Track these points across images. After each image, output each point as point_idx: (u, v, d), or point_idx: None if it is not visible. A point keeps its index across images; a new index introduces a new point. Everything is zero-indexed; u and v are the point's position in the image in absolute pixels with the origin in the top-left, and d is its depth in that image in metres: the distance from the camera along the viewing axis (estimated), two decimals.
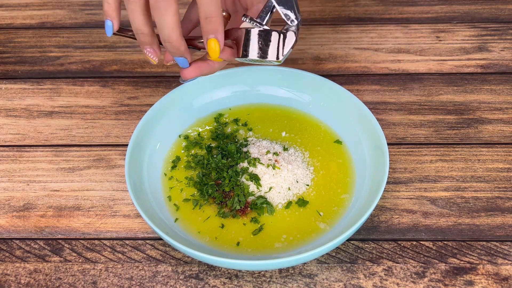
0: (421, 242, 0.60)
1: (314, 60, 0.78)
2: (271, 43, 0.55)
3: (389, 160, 0.62)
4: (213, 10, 0.51)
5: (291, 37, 0.55)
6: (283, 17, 0.55)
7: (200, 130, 0.68)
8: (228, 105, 0.71)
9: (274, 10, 0.56)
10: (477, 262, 0.58)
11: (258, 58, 0.56)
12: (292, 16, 0.55)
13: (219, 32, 0.52)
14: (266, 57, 0.55)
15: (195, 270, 0.58)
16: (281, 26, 0.57)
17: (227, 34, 0.57)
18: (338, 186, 0.63)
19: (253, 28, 0.55)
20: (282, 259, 0.53)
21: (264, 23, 0.56)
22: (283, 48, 0.55)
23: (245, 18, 0.56)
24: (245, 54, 0.55)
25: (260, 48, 0.55)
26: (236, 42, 0.57)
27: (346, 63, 0.78)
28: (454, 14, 0.84)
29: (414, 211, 0.62)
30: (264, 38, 0.55)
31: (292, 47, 0.56)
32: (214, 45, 0.53)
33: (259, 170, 0.62)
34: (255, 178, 0.61)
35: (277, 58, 0.55)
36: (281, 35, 0.55)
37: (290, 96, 0.70)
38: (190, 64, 0.57)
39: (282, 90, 0.71)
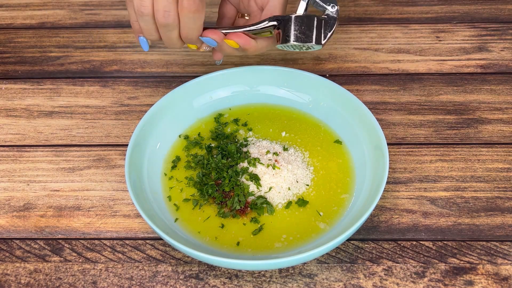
0: (421, 242, 0.60)
1: (314, 60, 0.78)
2: (313, 27, 0.56)
3: (389, 160, 0.62)
4: (192, 38, 0.58)
5: (332, 22, 0.57)
6: (323, 4, 0.57)
7: (201, 130, 0.68)
8: (228, 105, 0.71)
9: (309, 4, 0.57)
10: (477, 262, 0.58)
11: (299, 43, 0.56)
12: (331, 3, 0.57)
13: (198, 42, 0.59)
14: (308, 41, 0.56)
15: (195, 270, 0.58)
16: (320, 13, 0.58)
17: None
18: (338, 186, 0.63)
19: (295, 14, 0.56)
20: (282, 259, 0.53)
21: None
22: (325, 32, 0.56)
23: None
24: (287, 39, 0.56)
25: (302, 33, 0.55)
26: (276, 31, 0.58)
27: (346, 63, 0.78)
28: (454, 14, 0.84)
29: (414, 211, 0.62)
30: (306, 23, 0.55)
31: (333, 32, 0.57)
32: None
33: (259, 170, 0.62)
34: (255, 178, 0.61)
35: (319, 42, 0.56)
36: (323, 20, 0.56)
37: (290, 96, 0.70)
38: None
39: (282, 90, 0.71)
